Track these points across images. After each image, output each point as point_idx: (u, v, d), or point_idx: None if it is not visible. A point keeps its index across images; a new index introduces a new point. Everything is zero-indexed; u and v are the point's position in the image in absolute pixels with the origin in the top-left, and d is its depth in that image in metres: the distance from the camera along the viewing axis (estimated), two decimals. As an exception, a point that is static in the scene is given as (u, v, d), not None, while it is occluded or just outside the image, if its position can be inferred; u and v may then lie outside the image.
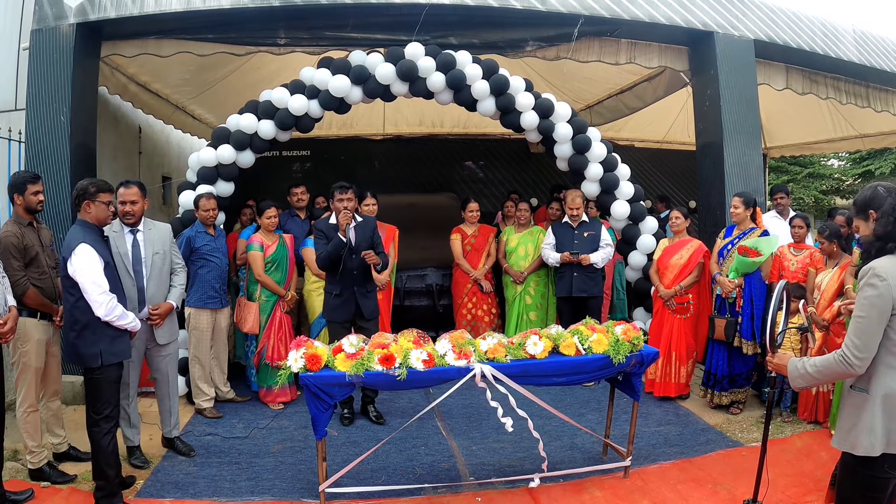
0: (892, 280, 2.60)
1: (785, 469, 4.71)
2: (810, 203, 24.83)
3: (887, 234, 2.73)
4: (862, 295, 2.68)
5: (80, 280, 3.97)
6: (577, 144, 6.93)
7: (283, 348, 6.14)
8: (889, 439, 2.62)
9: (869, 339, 2.63)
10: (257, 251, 6.17)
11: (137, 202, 4.71)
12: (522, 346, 4.29)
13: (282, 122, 6.53)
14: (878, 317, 2.61)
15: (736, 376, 5.98)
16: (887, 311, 2.61)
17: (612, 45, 7.40)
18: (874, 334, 2.62)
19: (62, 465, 4.75)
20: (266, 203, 6.35)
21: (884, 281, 2.60)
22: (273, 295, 6.25)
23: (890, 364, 2.65)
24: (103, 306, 4.00)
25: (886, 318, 2.61)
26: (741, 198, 6.04)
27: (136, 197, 4.69)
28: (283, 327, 6.28)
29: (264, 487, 4.52)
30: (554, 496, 4.38)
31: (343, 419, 5.75)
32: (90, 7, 6.35)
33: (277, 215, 6.36)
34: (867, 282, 2.66)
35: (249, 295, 6.32)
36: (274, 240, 6.30)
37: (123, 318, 4.12)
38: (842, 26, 8.08)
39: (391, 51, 6.59)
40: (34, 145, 6.32)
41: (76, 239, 4.02)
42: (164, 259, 4.89)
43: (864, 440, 2.66)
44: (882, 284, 2.61)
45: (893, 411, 2.63)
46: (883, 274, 2.61)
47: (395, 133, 11.99)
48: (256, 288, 6.22)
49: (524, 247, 7.24)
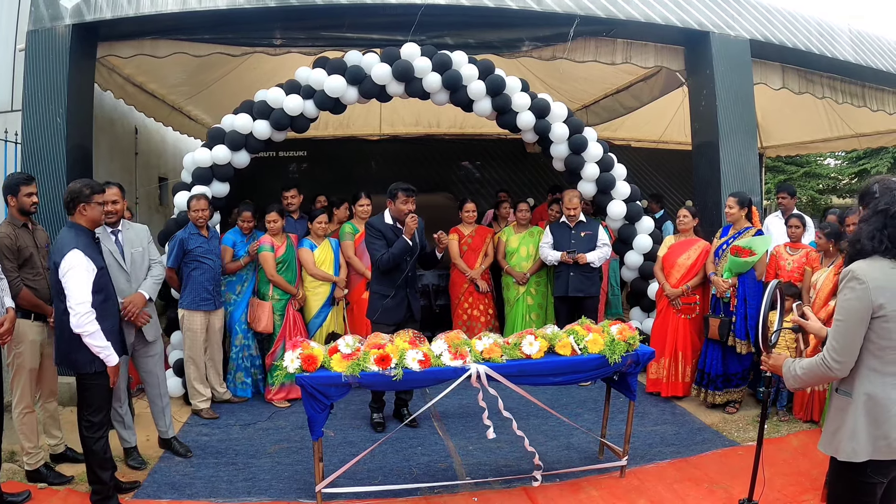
0: (871, 283, 2.54)
1: (781, 468, 4.72)
2: (806, 202, 24.85)
3: (860, 241, 2.65)
4: (842, 298, 2.62)
5: (65, 285, 3.89)
6: (573, 144, 6.94)
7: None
8: (875, 446, 2.58)
9: (848, 343, 2.58)
10: (268, 252, 6.23)
11: (119, 202, 4.75)
12: (518, 346, 4.29)
13: (277, 123, 6.51)
14: (858, 321, 2.56)
15: (731, 375, 5.98)
16: (866, 316, 2.55)
17: (608, 45, 7.40)
18: (854, 338, 2.57)
19: (59, 466, 4.74)
20: (270, 206, 6.40)
21: (862, 284, 2.54)
22: (285, 294, 6.31)
23: (872, 367, 2.60)
24: (78, 316, 3.85)
25: (866, 322, 2.55)
26: (736, 198, 6.04)
27: (116, 197, 4.72)
28: (297, 325, 6.35)
29: (261, 488, 4.52)
30: (550, 496, 4.38)
31: (375, 426, 5.63)
32: (86, 8, 6.34)
33: (279, 218, 6.36)
34: (846, 284, 2.60)
35: (262, 295, 6.36)
36: (282, 241, 6.35)
37: (95, 338, 3.91)
38: (838, 26, 8.10)
39: (387, 51, 6.59)
40: (30, 146, 6.30)
41: (68, 244, 3.93)
42: (143, 256, 4.93)
43: (846, 445, 2.63)
44: (860, 288, 2.55)
45: (878, 417, 2.58)
46: (862, 276, 2.55)
47: (392, 133, 11.98)
48: (269, 288, 6.28)
49: (525, 247, 7.24)
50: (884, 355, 2.56)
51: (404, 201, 5.37)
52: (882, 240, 2.58)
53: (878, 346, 2.57)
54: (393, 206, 5.45)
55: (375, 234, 5.42)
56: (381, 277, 5.50)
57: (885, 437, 2.56)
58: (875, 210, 2.64)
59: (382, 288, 5.48)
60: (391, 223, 5.45)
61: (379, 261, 5.36)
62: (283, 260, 6.30)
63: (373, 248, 5.43)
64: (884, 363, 2.57)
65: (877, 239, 2.59)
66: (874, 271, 2.56)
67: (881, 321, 2.53)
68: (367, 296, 6.53)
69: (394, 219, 5.46)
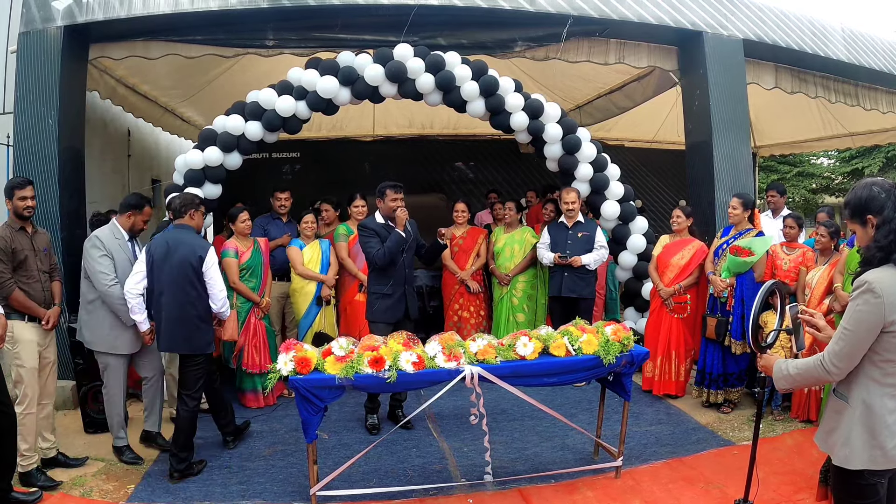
0: (887, 298, 2.45)
1: (776, 467, 4.72)
2: (800, 202, 24.94)
3: (890, 245, 2.53)
4: (853, 307, 2.54)
5: (211, 276, 4.70)
6: (566, 145, 6.93)
7: (258, 355, 6.12)
8: (871, 455, 2.54)
9: (852, 351, 2.53)
10: (232, 258, 6.05)
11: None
12: (512, 348, 4.29)
13: (269, 124, 6.48)
14: (866, 333, 2.50)
15: (729, 375, 5.99)
16: (877, 329, 2.48)
17: (601, 45, 7.41)
18: (859, 348, 2.52)
19: (50, 471, 4.70)
20: (237, 208, 6.27)
21: (878, 298, 2.45)
22: (248, 301, 6.14)
23: (872, 377, 2.56)
24: (223, 301, 4.85)
25: (875, 335, 2.49)
26: (741, 199, 6.04)
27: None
28: (257, 334, 6.20)
29: (255, 491, 4.50)
30: (545, 496, 4.37)
31: (370, 428, 5.61)
32: (78, 9, 6.32)
33: (249, 218, 6.27)
34: (861, 295, 2.51)
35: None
36: (248, 245, 6.20)
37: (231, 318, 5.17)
38: (831, 25, 8.11)
39: (380, 52, 6.56)
40: (22, 149, 6.29)
41: (205, 244, 4.80)
42: None
43: (839, 451, 2.61)
44: (875, 302, 2.46)
45: (874, 427, 2.54)
46: (878, 290, 2.47)
47: (385, 134, 11.98)
48: (232, 294, 5.98)
49: (510, 248, 7.24)
50: (886, 367, 2.53)
51: (393, 198, 5.42)
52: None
53: (881, 357, 2.53)
54: (382, 204, 5.48)
55: (369, 233, 5.43)
56: (378, 276, 5.50)
57: (882, 447, 2.53)
58: (892, 214, 2.56)
59: (380, 287, 5.48)
60: (383, 222, 5.46)
61: (375, 257, 5.34)
62: (248, 266, 6.13)
63: (368, 246, 5.42)
64: (884, 374, 2.54)
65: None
66: (892, 286, 2.47)
67: (890, 336, 2.48)
68: (359, 297, 6.56)
69: (385, 217, 5.47)
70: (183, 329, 4.66)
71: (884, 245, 2.54)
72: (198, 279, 4.66)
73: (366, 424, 5.66)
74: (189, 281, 4.63)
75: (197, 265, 4.64)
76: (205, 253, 4.67)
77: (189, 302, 4.65)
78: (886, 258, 2.53)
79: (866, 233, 2.65)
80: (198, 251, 4.66)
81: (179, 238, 4.72)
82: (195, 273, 4.64)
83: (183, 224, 4.83)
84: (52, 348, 4.78)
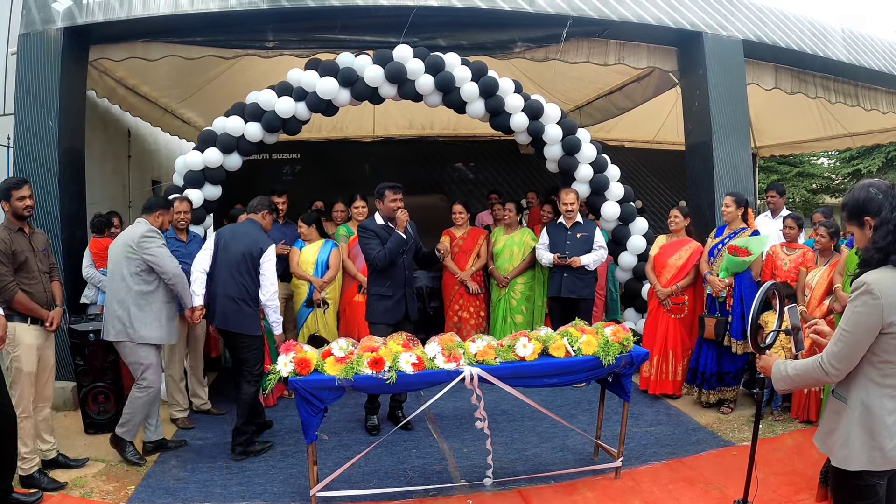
0: (885, 299, 2.44)
1: (776, 468, 4.72)
2: (800, 202, 24.93)
3: (888, 246, 2.51)
4: (852, 308, 2.53)
5: (267, 269, 5.14)
6: (566, 146, 6.93)
7: None
8: (870, 456, 2.54)
9: (850, 353, 2.52)
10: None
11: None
12: (512, 349, 4.29)
13: (269, 125, 6.49)
14: (865, 334, 2.49)
15: (724, 375, 5.98)
16: (875, 330, 2.48)
17: (600, 46, 7.41)
18: (858, 350, 2.51)
19: (51, 472, 4.70)
20: (237, 209, 6.47)
21: (877, 300, 2.45)
22: None
23: (871, 378, 2.55)
24: (274, 294, 5.18)
25: (873, 336, 2.49)
26: (733, 197, 6.03)
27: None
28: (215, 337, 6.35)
29: (255, 492, 4.51)
30: (545, 497, 4.38)
31: (370, 429, 5.61)
32: (78, 11, 6.32)
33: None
34: (859, 296, 2.50)
35: None
36: None
37: (277, 310, 5.28)
38: (830, 26, 8.12)
39: (379, 53, 6.56)
40: (22, 150, 6.29)
41: (268, 240, 5.23)
42: None
43: (838, 452, 2.61)
44: (874, 303, 2.45)
45: (872, 428, 2.53)
46: (877, 291, 2.46)
47: (385, 135, 11.98)
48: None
49: (509, 249, 7.23)
50: (884, 368, 2.52)
51: (392, 199, 5.42)
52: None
53: (880, 358, 2.52)
54: (382, 205, 5.48)
55: (369, 234, 5.42)
56: (378, 278, 5.49)
57: (881, 448, 2.52)
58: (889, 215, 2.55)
59: (381, 288, 5.47)
60: (382, 223, 5.45)
61: (376, 258, 5.33)
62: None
63: (368, 248, 5.40)
64: (883, 375, 2.53)
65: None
66: (891, 287, 2.47)
67: (888, 337, 2.48)
68: (359, 298, 6.55)
69: (385, 218, 5.46)
70: (233, 306, 5.07)
71: (882, 246, 2.53)
72: (254, 268, 5.11)
73: (366, 425, 5.66)
74: (246, 268, 5.09)
75: (257, 256, 5.09)
76: (266, 247, 5.15)
77: (243, 285, 5.08)
78: (885, 259, 2.52)
79: (864, 234, 2.64)
80: (260, 244, 5.14)
81: (247, 230, 5.25)
82: (253, 262, 5.09)
83: (254, 220, 5.36)
84: (50, 351, 4.75)
